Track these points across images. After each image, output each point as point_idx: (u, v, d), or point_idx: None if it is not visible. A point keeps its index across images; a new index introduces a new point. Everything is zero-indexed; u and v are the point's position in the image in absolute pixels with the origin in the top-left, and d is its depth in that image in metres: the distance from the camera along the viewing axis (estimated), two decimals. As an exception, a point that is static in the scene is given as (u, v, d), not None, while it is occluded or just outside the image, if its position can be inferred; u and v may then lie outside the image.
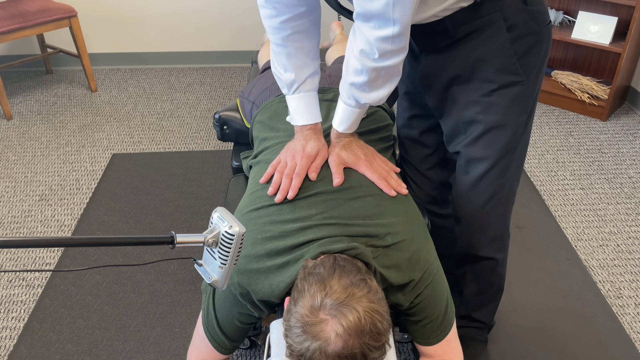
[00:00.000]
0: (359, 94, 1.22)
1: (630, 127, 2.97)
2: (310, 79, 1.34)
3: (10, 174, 2.56)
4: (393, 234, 1.16)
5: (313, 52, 1.33)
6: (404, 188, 1.28)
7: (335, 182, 1.24)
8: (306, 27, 1.29)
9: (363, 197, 1.22)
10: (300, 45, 1.30)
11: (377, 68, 1.15)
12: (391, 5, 1.03)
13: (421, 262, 1.16)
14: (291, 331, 0.95)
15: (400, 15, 1.05)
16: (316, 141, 1.31)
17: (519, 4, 1.19)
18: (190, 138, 2.85)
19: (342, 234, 1.12)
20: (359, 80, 1.18)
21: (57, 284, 1.94)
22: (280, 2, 1.24)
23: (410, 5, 1.04)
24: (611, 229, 2.24)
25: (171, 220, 2.25)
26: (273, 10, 1.25)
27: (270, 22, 1.27)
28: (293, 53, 1.30)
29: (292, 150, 1.29)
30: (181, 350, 1.71)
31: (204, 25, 3.55)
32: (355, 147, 1.31)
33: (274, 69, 1.35)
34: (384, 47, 1.10)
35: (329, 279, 0.97)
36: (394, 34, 1.07)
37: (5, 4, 2.97)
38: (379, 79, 1.17)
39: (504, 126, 1.29)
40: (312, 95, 1.34)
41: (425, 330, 1.20)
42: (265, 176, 1.29)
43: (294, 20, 1.26)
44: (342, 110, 1.28)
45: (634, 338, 1.78)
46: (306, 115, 1.33)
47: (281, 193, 1.22)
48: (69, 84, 3.40)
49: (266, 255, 1.13)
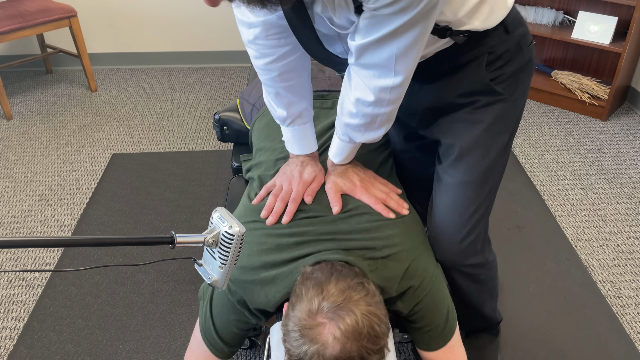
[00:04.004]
0: (354, 134, 1.20)
1: (630, 127, 2.97)
2: (303, 113, 1.30)
3: (10, 174, 2.56)
4: (390, 246, 1.16)
5: (304, 87, 1.29)
6: (405, 209, 1.26)
7: (334, 211, 1.22)
8: (293, 65, 1.22)
9: (360, 215, 1.21)
10: (289, 84, 1.25)
11: (372, 114, 1.12)
12: (394, 58, 1.00)
13: (419, 270, 1.16)
14: (289, 335, 0.94)
15: (403, 68, 1.03)
16: (313, 167, 1.29)
17: (502, 34, 1.16)
18: (190, 138, 2.85)
19: (338, 248, 1.12)
20: (354, 123, 1.16)
21: (57, 284, 1.94)
22: (262, 45, 1.17)
23: (413, 59, 1.02)
24: (611, 229, 2.24)
25: (171, 220, 2.25)
26: (256, 52, 1.19)
27: (256, 62, 1.22)
28: (282, 93, 1.25)
29: (289, 176, 1.28)
30: (181, 350, 1.71)
31: (204, 25, 3.55)
32: (352, 173, 1.29)
33: (266, 101, 1.31)
34: (382, 95, 1.08)
35: (327, 282, 0.97)
36: (394, 85, 1.05)
37: (5, 4, 2.97)
38: (374, 123, 1.15)
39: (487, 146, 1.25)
40: (306, 128, 1.31)
41: (426, 337, 1.20)
42: (258, 198, 1.28)
43: (280, 60, 1.19)
44: (337, 145, 1.26)
45: (634, 338, 1.78)
46: (301, 146, 1.32)
47: (274, 216, 1.21)
48: (69, 84, 3.40)
49: (261, 267, 1.13)
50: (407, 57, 1.01)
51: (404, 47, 0.98)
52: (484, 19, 1.10)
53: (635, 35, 2.83)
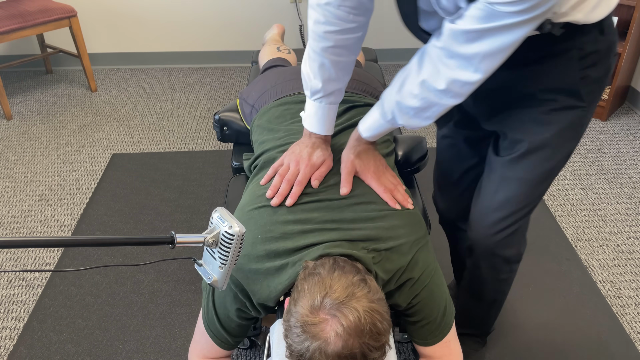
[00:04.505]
0: (401, 115, 1.16)
1: (630, 127, 2.97)
2: (335, 93, 1.29)
3: (10, 174, 2.56)
4: (394, 238, 1.16)
5: (348, 69, 1.28)
6: (409, 203, 1.26)
7: (342, 192, 1.22)
8: (349, 43, 1.21)
9: (366, 203, 1.21)
10: (337, 59, 1.24)
11: (432, 102, 1.10)
12: (482, 55, 0.98)
13: (420, 263, 1.17)
14: (291, 331, 0.95)
15: (486, 67, 1.00)
16: (323, 150, 1.29)
17: (596, 34, 1.13)
18: (190, 138, 2.85)
19: (342, 239, 1.12)
20: (409, 104, 1.13)
21: (57, 284, 1.94)
22: (330, 12, 1.16)
23: (500, 60, 1.00)
24: (611, 229, 2.24)
25: (171, 220, 2.25)
26: (322, 17, 1.17)
27: (315, 28, 1.21)
28: (327, 65, 1.24)
29: (297, 156, 1.27)
30: (181, 350, 1.71)
31: (204, 25, 3.55)
32: (370, 156, 1.28)
33: (304, 69, 1.29)
34: (453, 87, 1.05)
35: (329, 279, 0.97)
36: (470, 81, 1.03)
37: (5, 4, 2.97)
38: (428, 111, 1.13)
39: (553, 149, 1.24)
40: (332, 108, 1.30)
41: (423, 331, 1.21)
42: (266, 178, 1.28)
43: (340, 34, 1.19)
44: (374, 120, 1.23)
45: (634, 338, 1.78)
46: (320, 126, 1.30)
47: (278, 197, 1.21)
48: (69, 84, 3.40)
49: (266, 257, 1.13)
50: (496, 57, 0.99)
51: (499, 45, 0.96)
52: (587, 12, 1.07)
53: (635, 35, 2.83)
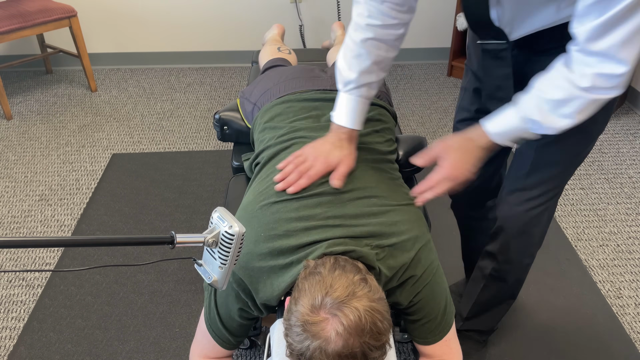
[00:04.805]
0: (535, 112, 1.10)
1: (630, 127, 2.97)
2: (368, 86, 1.29)
3: (10, 174, 2.56)
4: (398, 234, 1.16)
5: (384, 64, 1.28)
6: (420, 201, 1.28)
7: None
8: (389, 38, 1.23)
9: (368, 198, 1.22)
10: (376, 52, 1.25)
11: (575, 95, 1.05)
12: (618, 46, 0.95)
13: (422, 260, 1.17)
14: (291, 330, 0.95)
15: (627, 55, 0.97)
16: (344, 150, 1.27)
17: None
18: (190, 138, 2.85)
19: (345, 235, 1.12)
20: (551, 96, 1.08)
21: (57, 284, 1.94)
22: (374, 7, 1.19)
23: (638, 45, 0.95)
24: (611, 229, 2.24)
25: (171, 220, 2.25)
26: (365, 11, 1.20)
27: (358, 19, 1.23)
28: (365, 56, 1.25)
29: (317, 151, 1.27)
30: (181, 350, 1.71)
31: (204, 25, 3.55)
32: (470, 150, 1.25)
33: (339, 63, 1.30)
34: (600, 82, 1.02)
35: (330, 278, 0.97)
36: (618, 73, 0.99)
37: (5, 4, 2.97)
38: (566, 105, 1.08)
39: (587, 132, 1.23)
40: (363, 102, 1.30)
41: (423, 330, 1.21)
42: (285, 162, 1.28)
43: (383, 28, 1.21)
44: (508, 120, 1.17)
45: (634, 338, 1.78)
46: (350, 118, 1.30)
47: (284, 184, 1.22)
48: (69, 84, 3.40)
49: (269, 255, 1.13)
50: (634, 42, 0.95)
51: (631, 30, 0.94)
52: None
53: (636, 35, 2.82)
